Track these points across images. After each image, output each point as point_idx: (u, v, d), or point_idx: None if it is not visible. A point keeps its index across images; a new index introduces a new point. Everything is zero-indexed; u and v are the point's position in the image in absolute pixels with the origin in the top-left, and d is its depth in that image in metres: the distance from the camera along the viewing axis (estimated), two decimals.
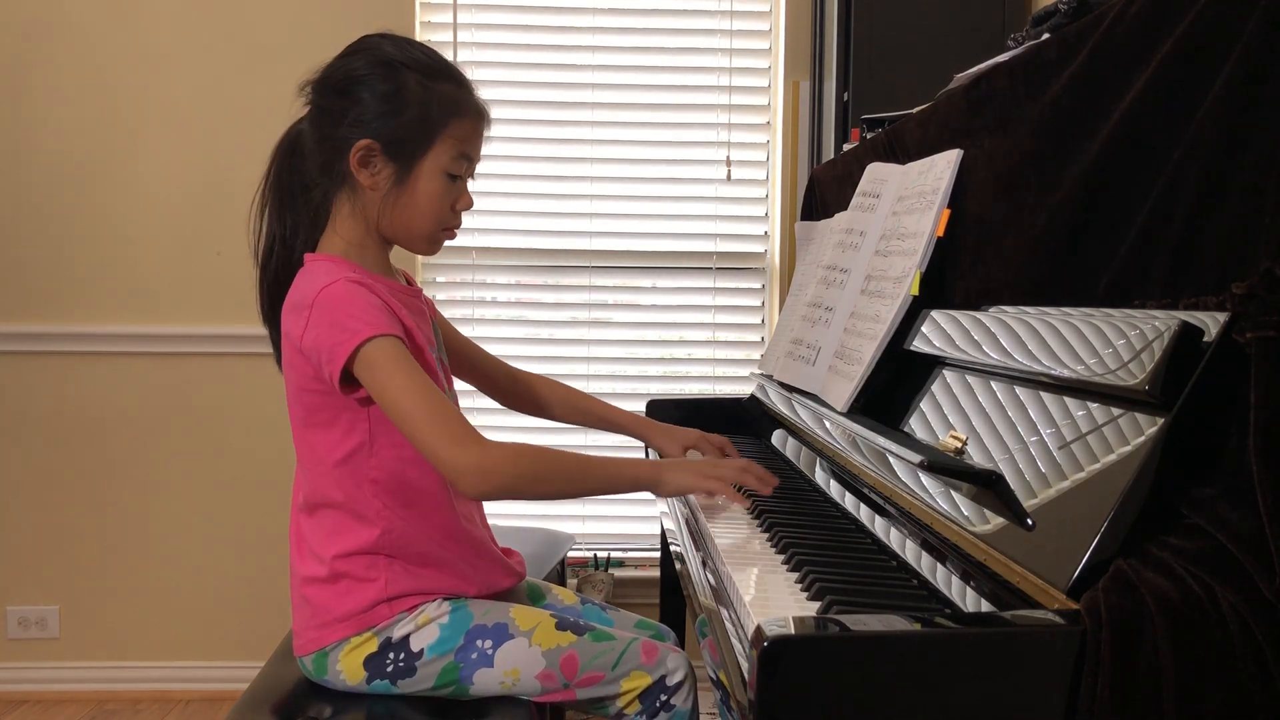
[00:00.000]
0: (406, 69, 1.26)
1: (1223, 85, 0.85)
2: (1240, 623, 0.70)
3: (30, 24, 2.54)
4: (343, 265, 1.26)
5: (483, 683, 1.25)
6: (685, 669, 1.29)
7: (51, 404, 2.59)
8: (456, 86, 1.29)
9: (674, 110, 2.72)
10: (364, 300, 1.20)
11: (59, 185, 2.57)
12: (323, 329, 1.19)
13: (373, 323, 1.18)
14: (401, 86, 1.25)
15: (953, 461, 1.03)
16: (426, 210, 1.28)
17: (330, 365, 1.18)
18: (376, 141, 1.24)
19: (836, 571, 1.03)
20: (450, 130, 1.27)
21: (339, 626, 1.25)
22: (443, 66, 1.30)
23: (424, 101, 1.25)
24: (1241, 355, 0.75)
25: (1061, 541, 0.83)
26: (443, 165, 1.27)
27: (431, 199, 1.28)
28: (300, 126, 1.33)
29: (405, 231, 1.31)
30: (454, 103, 1.28)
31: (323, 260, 1.27)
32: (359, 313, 1.19)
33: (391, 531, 1.26)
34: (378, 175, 1.26)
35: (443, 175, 1.28)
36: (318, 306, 1.20)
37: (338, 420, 1.24)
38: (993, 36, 1.99)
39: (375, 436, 1.24)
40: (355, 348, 1.17)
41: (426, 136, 1.26)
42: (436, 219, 1.30)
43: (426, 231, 1.31)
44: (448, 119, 1.27)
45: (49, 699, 2.62)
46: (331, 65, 1.30)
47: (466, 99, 1.30)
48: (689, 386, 2.77)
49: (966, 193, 1.32)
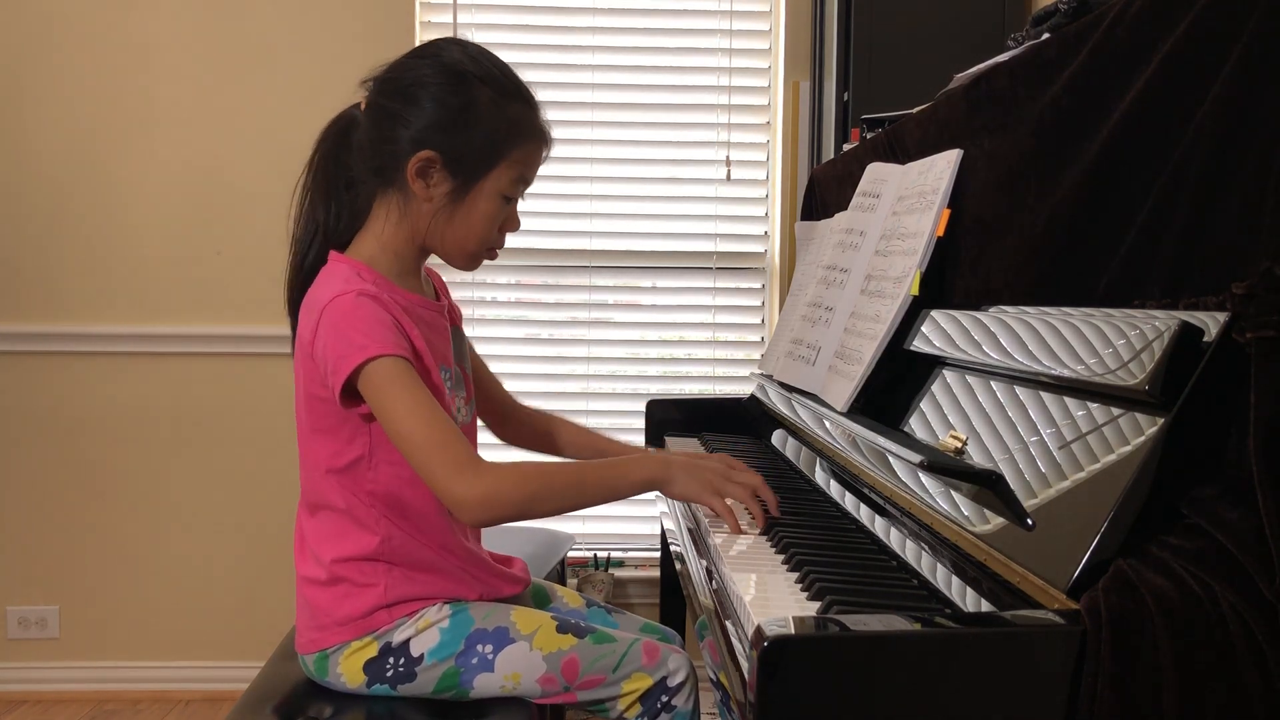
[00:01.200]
0: (480, 83, 1.23)
1: (1223, 85, 0.85)
2: (1240, 623, 0.70)
3: (31, 24, 2.54)
4: (363, 273, 1.23)
5: (483, 686, 1.25)
6: (686, 670, 1.29)
7: (51, 404, 2.59)
8: (526, 108, 1.26)
9: (674, 110, 2.72)
10: (372, 316, 1.17)
11: (59, 185, 2.57)
12: (329, 340, 1.17)
13: (380, 340, 1.16)
14: (473, 101, 1.22)
15: (953, 461, 1.03)
16: (477, 230, 1.27)
17: (334, 377, 1.17)
18: (439, 154, 1.21)
19: (836, 571, 1.03)
20: (515, 154, 1.25)
21: (339, 630, 1.25)
22: (515, 84, 1.27)
23: (494, 121, 1.23)
24: (1241, 355, 0.75)
25: (1061, 541, 0.83)
26: (502, 188, 1.25)
27: (485, 220, 1.26)
28: (353, 113, 1.29)
29: (452, 247, 1.29)
30: (522, 126, 1.25)
31: (345, 263, 1.25)
32: (366, 329, 1.16)
33: (391, 540, 1.25)
34: (434, 188, 1.23)
35: (499, 197, 1.26)
36: (327, 314, 1.18)
37: (340, 429, 1.23)
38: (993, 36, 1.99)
39: (375, 451, 1.23)
40: (359, 365, 1.15)
41: (492, 157, 1.23)
42: (485, 239, 1.28)
43: (472, 250, 1.29)
44: (515, 142, 1.24)
45: (49, 699, 2.62)
46: (398, 64, 1.26)
47: (534, 122, 1.27)
48: (689, 386, 2.77)
49: (966, 193, 1.32)
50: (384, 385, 1.15)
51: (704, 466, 1.26)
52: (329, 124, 1.31)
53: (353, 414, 1.21)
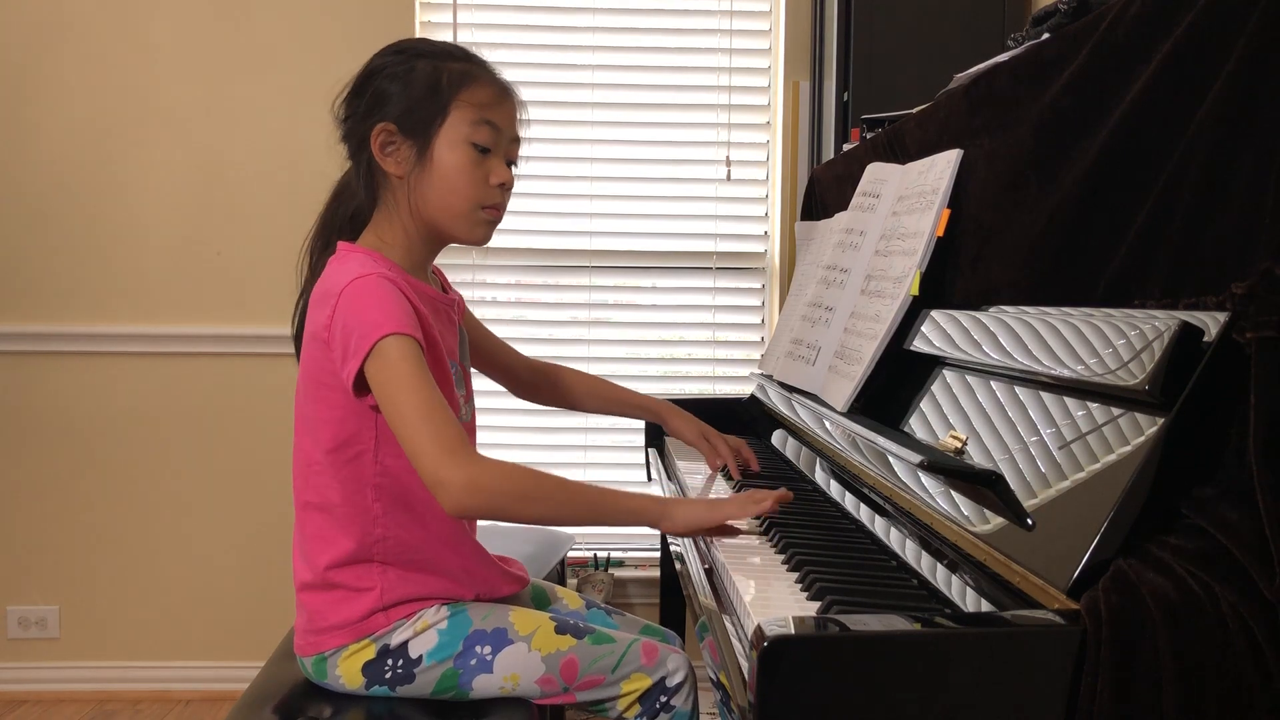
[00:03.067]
0: (419, 56, 1.26)
1: (1223, 85, 0.85)
2: (1240, 623, 0.70)
3: (32, 25, 2.54)
4: (378, 260, 1.24)
5: (482, 688, 1.25)
6: (685, 670, 1.29)
7: (51, 404, 2.59)
8: (470, 64, 1.28)
9: (674, 110, 2.71)
10: (391, 297, 1.18)
11: (59, 185, 2.57)
12: (347, 319, 1.17)
13: (397, 320, 1.16)
14: (412, 69, 1.25)
15: (953, 461, 1.03)
16: (455, 184, 1.25)
17: (352, 359, 1.15)
18: (392, 122, 1.24)
19: (836, 571, 1.03)
20: (463, 97, 1.25)
21: (336, 634, 1.24)
22: (460, 51, 1.29)
23: (433, 75, 1.25)
24: (1241, 355, 0.75)
25: (1061, 541, 0.83)
26: (463, 134, 1.25)
27: (458, 171, 1.25)
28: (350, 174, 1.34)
29: (440, 212, 1.27)
30: (465, 74, 1.26)
31: (358, 251, 1.26)
32: (385, 308, 1.16)
33: (388, 538, 1.24)
34: (400, 156, 1.25)
35: (465, 145, 1.25)
36: (345, 296, 1.17)
37: (349, 419, 1.22)
38: (993, 36, 1.99)
39: (381, 443, 1.22)
40: (376, 341, 1.14)
41: (439, 105, 1.24)
42: (470, 195, 1.26)
43: (463, 209, 1.27)
44: (459, 87, 1.25)
45: (49, 699, 2.62)
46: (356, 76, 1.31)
47: (480, 72, 1.28)
48: (689, 386, 2.77)
49: (966, 193, 1.32)
50: (393, 362, 1.14)
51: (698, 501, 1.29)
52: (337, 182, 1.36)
53: (361, 404, 1.20)
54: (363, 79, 1.28)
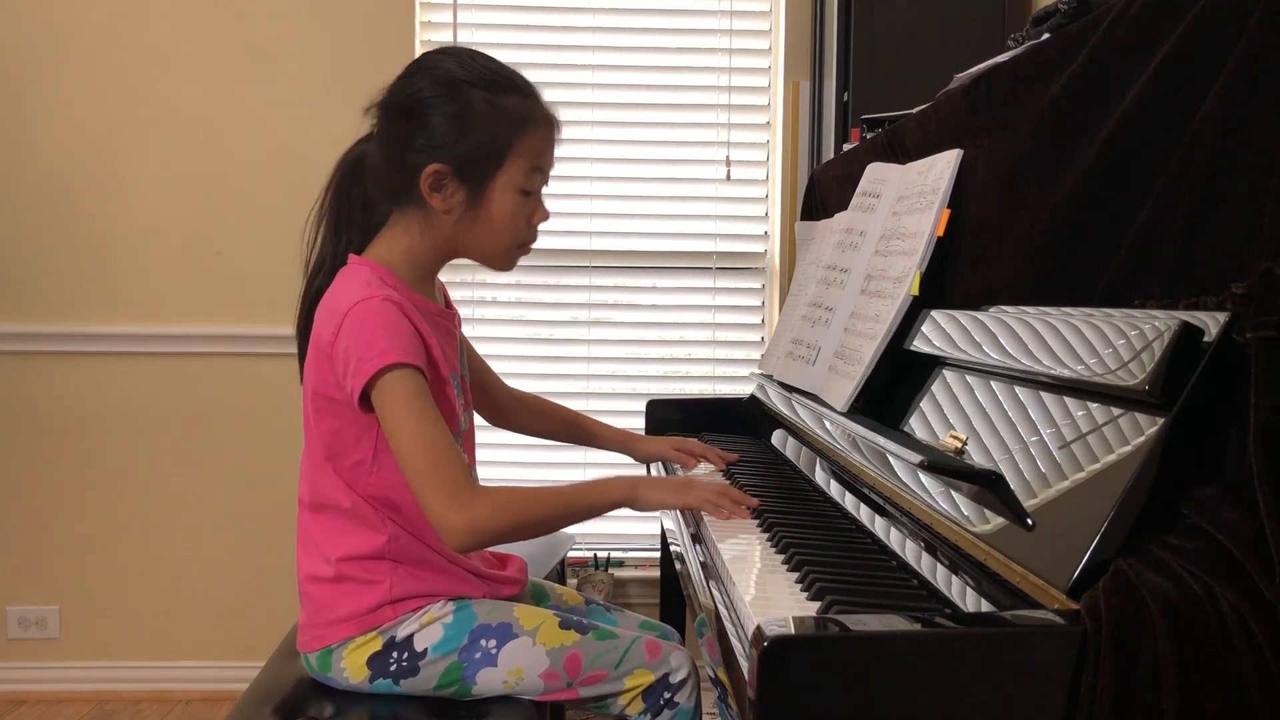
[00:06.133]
0: (470, 86, 1.23)
1: (1223, 85, 0.85)
2: (1240, 623, 0.70)
3: (32, 25, 2.54)
4: (385, 277, 1.25)
5: (486, 682, 1.25)
6: (688, 667, 1.29)
7: (51, 404, 2.59)
8: (523, 98, 1.27)
9: (674, 110, 2.71)
10: (396, 322, 1.19)
11: (60, 186, 2.57)
12: (352, 342, 1.18)
13: (401, 349, 1.17)
14: (467, 106, 1.23)
15: (953, 461, 1.03)
16: (502, 229, 1.28)
17: (354, 379, 1.18)
18: (447, 166, 1.23)
19: (836, 571, 1.03)
20: (520, 147, 1.25)
21: (343, 626, 1.26)
22: (507, 78, 1.27)
23: (491, 120, 1.23)
24: (1241, 355, 0.75)
25: (1061, 541, 0.83)
26: (516, 183, 1.26)
27: (507, 218, 1.27)
28: (364, 148, 1.32)
29: (484, 250, 1.31)
30: (521, 117, 1.25)
31: (366, 266, 1.26)
32: (390, 334, 1.18)
33: (397, 539, 1.26)
34: (451, 199, 1.25)
35: (516, 192, 1.26)
36: (352, 317, 1.19)
37: (347, 430, 1.24)
38: (993, 36, 2.00)
39: (378, 454, 1.24)
40: (378, 370, 1.16)
41: (496, 156, 1.24)
42: (514, 238, 1.30)
43: (504, 250, 1.31)
44: (517, 135, 1.25)
45: (49, 699, 2.62)
46: (395, 87, 1.28)
47: (533, 109, 1.27)
48: (689, 386, 2.77)
49: (966, 193, 1.32)
50: (396, 396, 1.17)
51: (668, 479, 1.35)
52: (342, 157, 1.34)
53: (366, 418, 1.21)
54: (410, 103, 1.24)
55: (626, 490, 1.30)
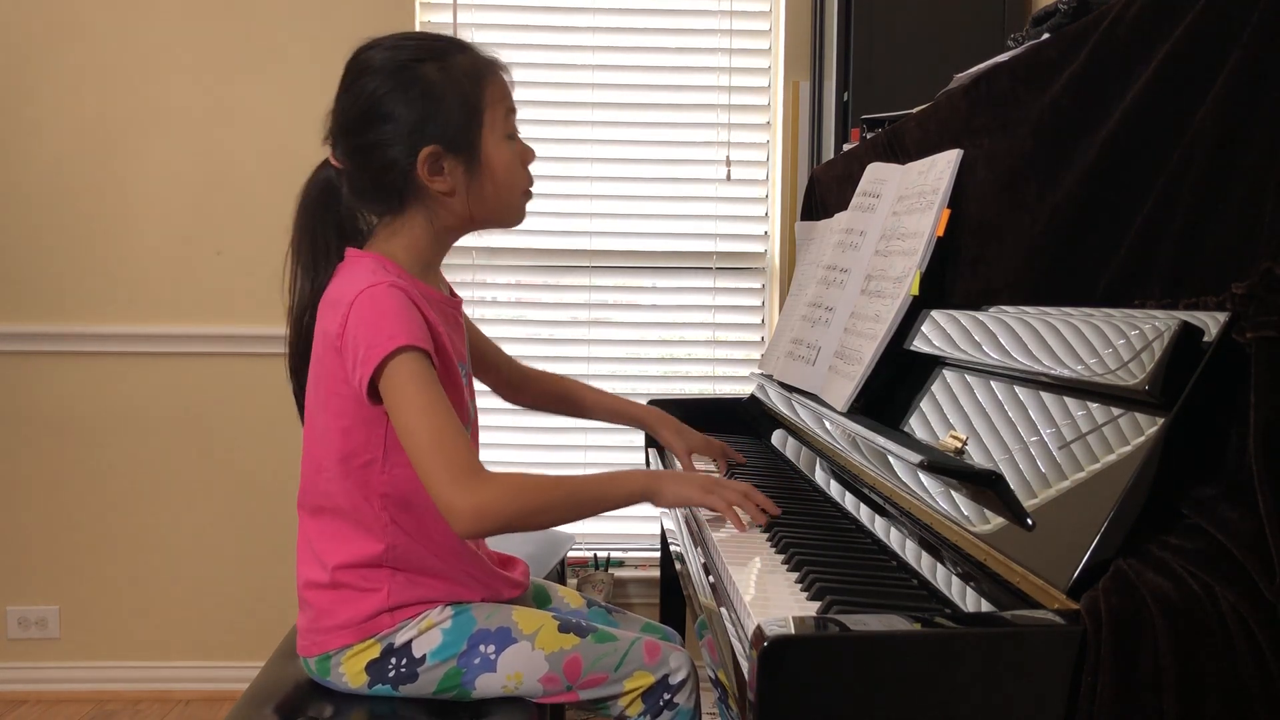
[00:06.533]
0: (417, 63, 1.23)
1: (1223, 85, 0.85)
2: (1240, 623, 0.70)
3: (32, 24, 2.54)
4: (390, 267, 1.23)
5: (485, 687, 1.25)
6: (688, 668, 1.29)
7: (51, 404, 2.59)
8: (465, 53, 1.27)
9: (674, 110, 2.71)
10: (403, 308, 1.18)
11: (59, 185, 2.57)
12: (361, 329, 1.17)
13: (409, 333, 1.16)
14: (425, 82, 1.22)
15: (953, 461, 1.03)
16: (508, 180, 1.28)
17: (362, 368, 1.16)
18: (437, 145, 1.22)
19: (836, 571, 1.03)
20: (488, 95, 1.25)
21: (341, 633, 1.25)
22: (442, 42, 1.28)
23: (453, 83, 1.23)
24: (1241, 355, 0.75)
25: (1061, 541, 0.83)
26: (500, 131, 1.26)
27: (507, 168, 1.27)
28: (325, 174, 1.30)
29: (497, 211, 1.30)
30: (475, 69, 1.26)
31: (367, 258, 1.25)
32: (397, 319, 1.16)
33: (396, 546, 1.24)
34: (452, 175, 1.24)
35: (504, 139, 1.27)
36: (358, 305, 1.17)
37: (357, 428, 1.22)
38: (993, 36, 2.00)
39: (389, 452, 1.22)
40: (388, 354, 1.14)
41: (475, 114, 1.24)
42: (521, 184, 1.30)
43: (516, 202, 1.31)
44: (481, 86, 1.25)
45: (49, 699, 2.62)
46: (343, 103, 1.26)
47: (479, 59, 1.27)
48: (689, 386, 2.77)
49: (966, 193, 1.32)
50: (405, 379, 1.15)
51: (693, 474, 1.30)
52: (305, 187, 1.31)
53: (376, 412, 1.20)
54: (369, 107, 1.23)
55: (646, 483, 1.26)
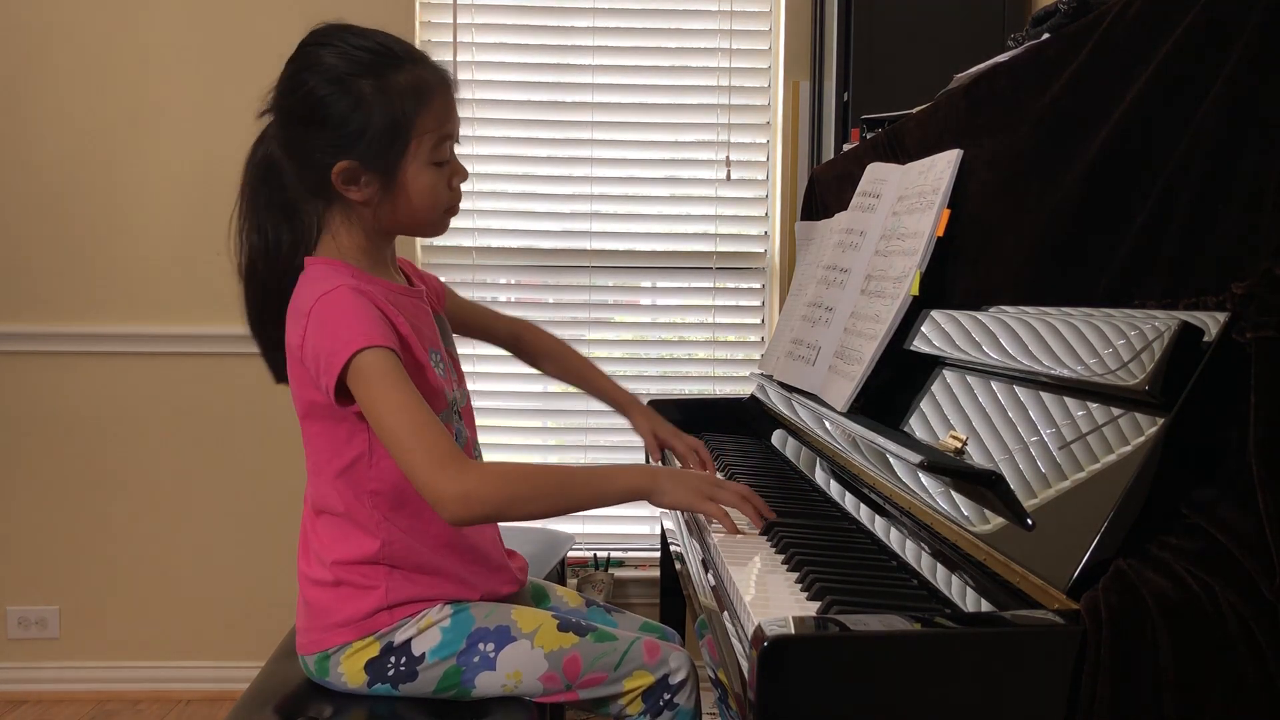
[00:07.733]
0: (357, 78, 1.21)
1: (1223, 85, 0.85)
2: (1240, 623, 0.70)
3: (32, 25, 2.53)
4: (342, 270, 1.24)
5: (485, 685, 1.25)
6: (688, 668, 1.29)
7: (51, 404, 2.59)
8: (411, 69, 1.24)
9: (674, 110, 2.71)
10: (359, 308, 1.18)
11: (59, 185, 2.57)
12: (319, 338, 1.18)
13: (367, 333, 1.16)
14: (360, 98, 1.21)
15: (953, 461, 1.03)
16: (423, 204, 1.26)
17: (327, 376, 1.17)
18: (355, 160, 1.21)
19: (836, 571, 1.03)
20: (422, 122, 1.23)
21: (340, 631, 1.25)
22: (389, 53, 1.25)
23: (385, 105, 1.21)
24: (1241, 355, 0.75)
25: (1061, 541, 0.83)
26: (425, 159, 1.24)
27: (425, 193, 1.25)
28: (268, 149, 1.30)
29: (410, 225, 1.30)
30: (416, 91, 1.23)
31: (321, 264, 1.26)
32: (353, 321, 1.17)
33: (392, 543, 1.25)
34: (366, 189, 1.23)
35: (429, 166, 1.25)
36: (315, 315, 1.18)
37: (337, 430, 1.23)
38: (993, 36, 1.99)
39: (375, 447, 1.23)
40: (349, 357, 1.15)
41: (401, 139, 1.22)
42: (435, 206, 1.28)
43: (429, 220, 1.29)
44: (415, 111, 1.22)
45: (49, 699, 2.61)
46: (284, 86, 1.26)
47: (424, 78, 1.25)
48: (689, 386, 2.77)
49: (966, 193, 1.32)
50: (371, 379, 1.15)
51: (691, 474, 1.28)
52: (251, 150, 1.32)
53: (348, 412, 1.21)
54: (306, 106, 1.23)
55: (643, 480, 1.24)
